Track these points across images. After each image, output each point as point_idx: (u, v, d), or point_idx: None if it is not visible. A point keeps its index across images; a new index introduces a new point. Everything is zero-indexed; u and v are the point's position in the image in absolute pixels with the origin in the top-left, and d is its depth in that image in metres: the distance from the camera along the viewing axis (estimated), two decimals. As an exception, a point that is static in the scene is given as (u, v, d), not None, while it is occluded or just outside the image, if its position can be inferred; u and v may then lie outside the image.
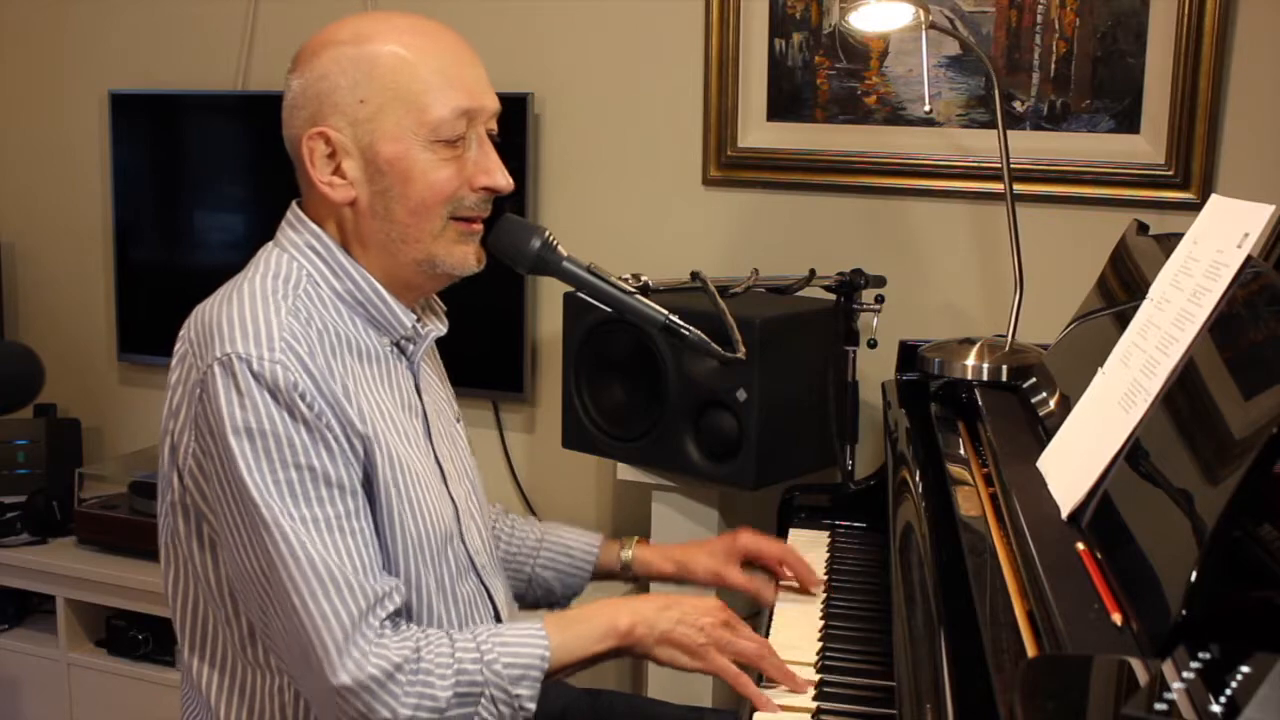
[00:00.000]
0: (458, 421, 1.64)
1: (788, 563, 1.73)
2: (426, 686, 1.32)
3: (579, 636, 1.43)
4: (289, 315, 1.36)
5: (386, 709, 1.30)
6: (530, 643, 1.39)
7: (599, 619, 1.45)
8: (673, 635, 1.44)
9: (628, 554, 1.75)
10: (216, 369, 1.32)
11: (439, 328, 1.56)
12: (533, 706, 1.37)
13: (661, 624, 1.44)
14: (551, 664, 1.38)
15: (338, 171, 1.41)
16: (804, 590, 1.71)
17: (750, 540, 1.73)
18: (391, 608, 1.35)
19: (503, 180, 1.45)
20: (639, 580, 1.81)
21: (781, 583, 1.73)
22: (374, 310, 1.45)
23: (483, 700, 1.34)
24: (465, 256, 1.46)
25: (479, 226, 1.47)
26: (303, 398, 1.32)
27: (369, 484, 1.39)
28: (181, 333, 1.41)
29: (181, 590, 1.44)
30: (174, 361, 1.40)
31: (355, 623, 1.31)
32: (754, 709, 1.39)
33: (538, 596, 1.77)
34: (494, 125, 1.46)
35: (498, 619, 1.55)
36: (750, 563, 1.75)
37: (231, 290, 1.40)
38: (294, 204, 1.48)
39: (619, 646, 1.44)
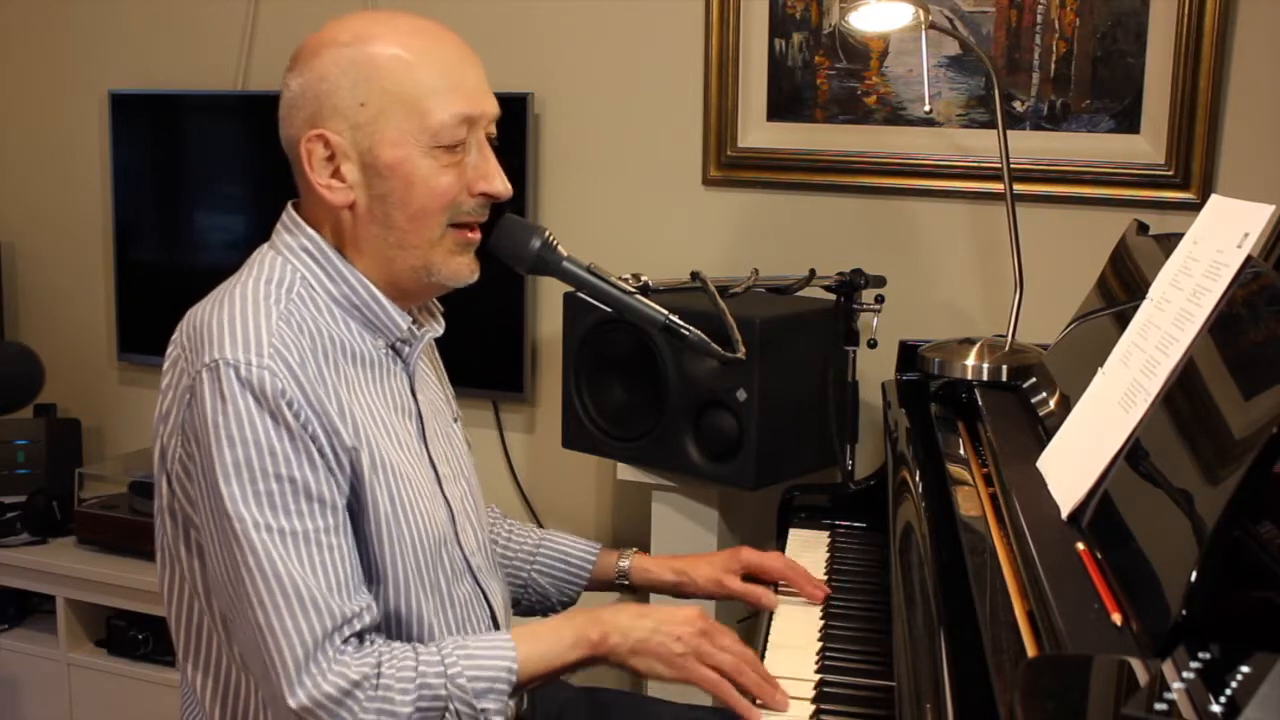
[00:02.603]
0: (456, 421, 1.63)
1: (789, 578, 1.70)
2: (387, 703, 1.30)
3: (549, 647, 1.41)
4: (280, 321, 1.35)
5: None
6: (497, 655, 1.37)
7: (569, 629, 1.43)
8: (648, 645, 1.42)
9: (626, 562, 1.73)
10: (205, 375, 1.31)
11: (435, 329, 1.55)
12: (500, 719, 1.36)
13: (636, 633, 1.42)
14: (520, 676, 1.37)
15: (336, 174, 1.40)
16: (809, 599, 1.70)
17: (751, 555, 1.72)
18: (359, 627, 1.33)
19: (501, 186, 1.44)
20: (638, 591, 1.78)
21: (781, 587, 1.71)
22: (369, 314, 1.43)
23: (446, 714, 1.32)
24: (460, 268, 1.45)
25: (476, 235, 1.46)
26: (289, 405, 1.31)
27: (356, 493, 1.37)
28: (174, 336, 1.40)
29: (175, 594, 1.44)
30: (166, 364, 1.39)
31: (318, 642, 1.29)
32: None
33: (533, 602, 1.75)
34: (493, 129, 1.45)
35: (494, 621, 1.54)
36: (752, 577, 1.73)
37: (224, 294, 1.39)
38: (289, 205, 1.47)
39: (591, 656, 1.42)
